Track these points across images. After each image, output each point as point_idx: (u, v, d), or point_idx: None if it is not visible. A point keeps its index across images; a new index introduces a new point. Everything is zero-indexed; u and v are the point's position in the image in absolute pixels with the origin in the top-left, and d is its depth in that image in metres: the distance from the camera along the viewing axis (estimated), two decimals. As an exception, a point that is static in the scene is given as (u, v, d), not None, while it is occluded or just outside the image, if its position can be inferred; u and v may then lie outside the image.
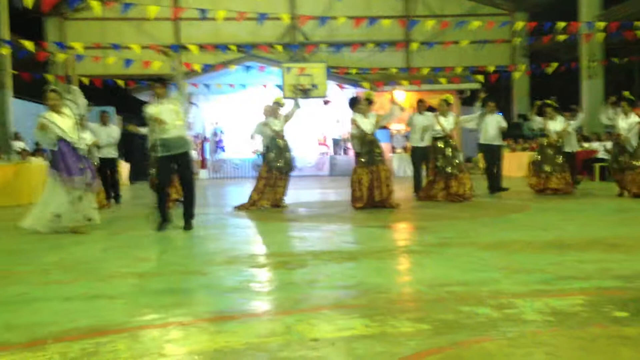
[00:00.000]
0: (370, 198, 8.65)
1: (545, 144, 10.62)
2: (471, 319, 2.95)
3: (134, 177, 19.66)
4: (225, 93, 20.00)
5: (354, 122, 8.82)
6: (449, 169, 9.55)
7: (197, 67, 17.09)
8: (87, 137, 9.55)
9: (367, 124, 8.78)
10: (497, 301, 3.26)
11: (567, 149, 11.05)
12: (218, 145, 22.38)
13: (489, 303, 3.22)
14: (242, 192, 13.45)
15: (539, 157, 10.61)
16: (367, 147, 8.74)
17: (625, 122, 9.57)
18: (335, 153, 22.50)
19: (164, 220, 6.76)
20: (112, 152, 10.57)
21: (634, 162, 9.46)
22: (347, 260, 4.65)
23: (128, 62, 15.84)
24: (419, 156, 10.74)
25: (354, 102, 9.16)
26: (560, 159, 10.47)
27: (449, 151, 9.70)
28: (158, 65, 16.31)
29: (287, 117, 9.37)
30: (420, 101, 11.04)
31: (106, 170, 10.22)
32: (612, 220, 6.98)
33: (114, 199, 10.70)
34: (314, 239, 6.09)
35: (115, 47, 15.66)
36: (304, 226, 7.21)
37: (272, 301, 3.53)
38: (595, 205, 8.73)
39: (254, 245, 5.91)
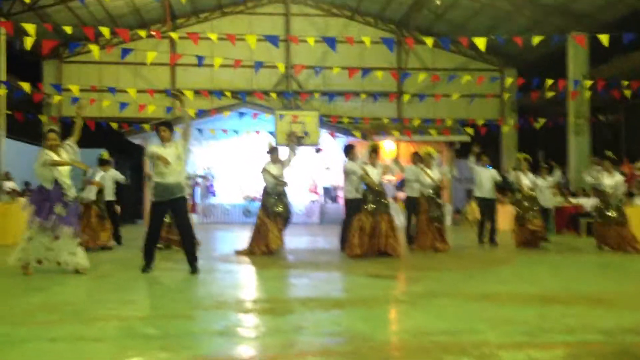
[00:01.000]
0: (369, 247, 8.70)
1: (520, 198, 10.86)
2: (454, 369, 2.99)
3: (123, 219, 19.58)
4: (218, 138, 20.19)
5: (363, 171, 8.99)
6: (442, 219, 9.93)
7: (191, 111, 17.28)
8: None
9: (375, 174, 8.99)
10: (480, 351, 3.30)
11: (546, 204, 11.51)
12: (209, 190, 22.44)
13: (472, 353, 3.26)
14: (232, 237, 13.45)
15: (519, 211, 10.78)
16: (374, 196, 8.87)
17: (610, 180, 10.07)
18: (325, 201, 22.59)
19: (148, 264, 6.79)
20: (112, 195, 10.61)
21: (620, 218, 9.83)
22: (334, 308, 4.67)
23: (123, 105, 16.03)
24: (412, 207, 10.86)
25: (348, 150, 9.43)
26: (537, 209, 10.69)
27: (440, 202, 9.97)
28: (152, 109, 16.54)
29: (285, 163, 9.52)
30: (415, 154, 11.28)
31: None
32: (596, 275, 7.06)
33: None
34: (302, 286, 6.11)
35: (112, 90, 15.86)
36: (292, 273, 7.23)
37: (258, 346, 3.53)
38: (580, 260, 8.82)
39: (242, 290, 5.90)
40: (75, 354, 3.28)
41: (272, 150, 9.67)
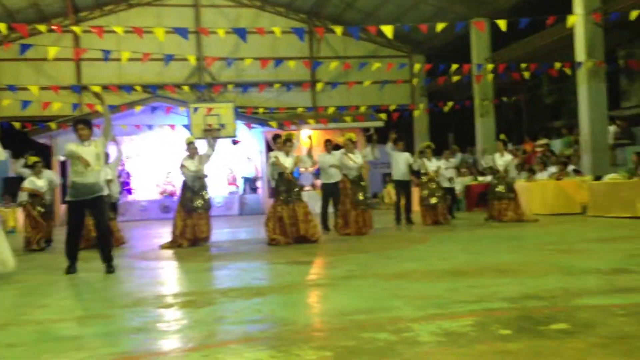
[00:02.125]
0: (288, 234, 8.86)
1: (425, 180, 11.81)
2: (371, 344, 3.12)
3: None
4: (130, 134, 19.63)
5: (276, 158, 9.07)
6: (368, 202, 10.24)
7: (99, 108, 16.71)
8: (42, 184, 10.52)
9: (287, 162, 9.12)
10: (395, 326, 3.45)
11: (445, 185, 12.70)
12: (124, 188, 21.80)
13: (388, 328, 3.41)
14: (150, 234, 13.19)
15: (425, 192, 11.68)
16: (286, 185, 9.01)
17: (501, 160, 11.59)
18: (244, 192, 22.50)
19: (71, 265, 6.63)
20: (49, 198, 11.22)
21: (509, 194, 11.44)
22: (255, 296, 4.72)
23: (25, 103, 15.26)
24: (328, 193, 11.15)
25: (273, 140, 9.58)
26: (440, 192, 11.71)
27: (364, 185, 10.29)
28: (57, 107, 15.87)
29: (203, 158, 9.60)
30: (327, 141, 11.50)
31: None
32: (502, 249, 7.47)
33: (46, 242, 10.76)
34: (223, 276, 6.12)
35: (12, 88, 15.06)
36: (212, 265, 7.21)
37: (179, 339, 3.54)
38: (488, 235, 9.29)
39: (161, 286, 5.84)
40: (-14, 362, 3.16)
41: (189, 145, 9.68)
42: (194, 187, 9.59)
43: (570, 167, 14.57)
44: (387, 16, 22.25)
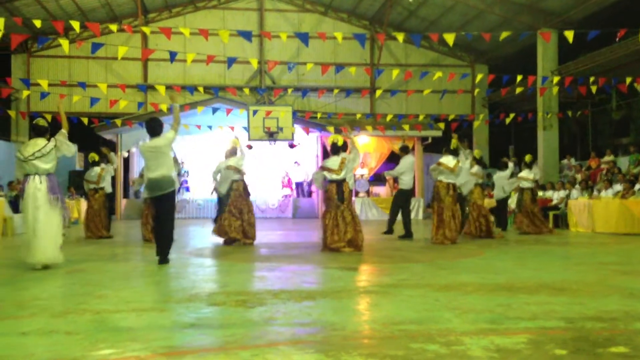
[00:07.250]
0: (331, 240, 8.76)
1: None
2: (420, 355, 3.08)
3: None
4: (192, 134, 20.10)
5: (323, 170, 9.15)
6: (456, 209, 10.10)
7: (163, 107, 17.21)
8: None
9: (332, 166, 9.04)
10: (446, 339, 3.40)
11: (499, 196, 13.19)
12: (182, 185, 22.32)
13: (439, 340, 3.36)
14: (205, 232, 13.43)
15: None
16: (329, 191, 8.94)
17: (530, 175, 12.81)
18: (298, 195, 22.65)
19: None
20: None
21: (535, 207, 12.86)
22: (306, 299, 4.74)
23: (94, 100, 15.85)
24: (405, 199, 11.40)
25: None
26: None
27: (451, 194, 10.09)
28: (124, 104, 16.41)
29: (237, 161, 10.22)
30: (404, 147, 11.74)
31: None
32: (560, 266, 7.24)
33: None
34: (274, 278, 6.17)
35: (82, 85, 15.67)
36: (264, 266, 7.28)
37: (229, 337, 3.58)
38: (547, 251, 9.03)
39: (214, 283, 5.94)
40: (47, 347, 3.29)
41: (232, 146, 10.36)
42: (227, 189, 10.16)
43: (637, 186, 13.99)
44: (450, 25, 22.00)
